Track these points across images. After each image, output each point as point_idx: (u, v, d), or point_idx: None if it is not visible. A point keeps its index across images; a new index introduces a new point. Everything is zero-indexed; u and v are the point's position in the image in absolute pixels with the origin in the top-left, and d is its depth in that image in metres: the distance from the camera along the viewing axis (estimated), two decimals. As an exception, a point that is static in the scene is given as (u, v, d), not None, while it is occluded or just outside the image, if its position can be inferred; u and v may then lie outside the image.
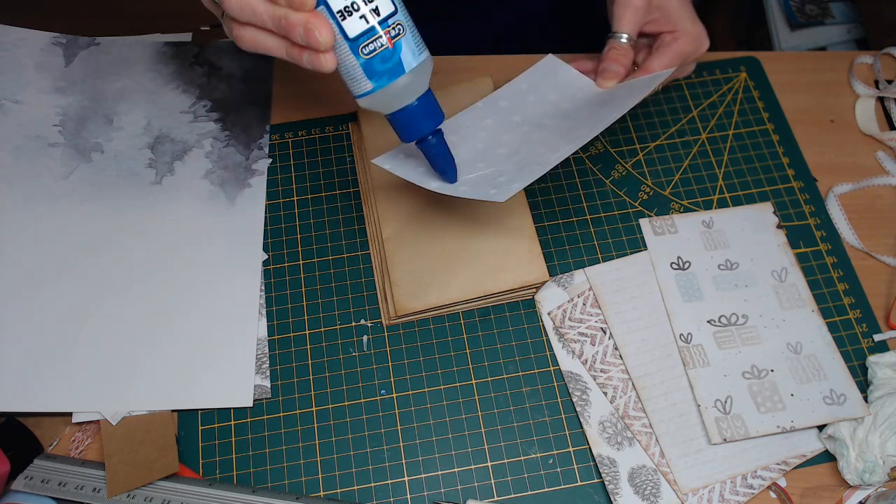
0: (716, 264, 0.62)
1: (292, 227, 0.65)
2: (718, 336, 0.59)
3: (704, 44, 0.63)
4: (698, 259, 0.62)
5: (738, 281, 0.61)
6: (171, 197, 0.65)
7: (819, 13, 1.28)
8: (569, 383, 0.58)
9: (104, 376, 0.58)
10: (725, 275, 0.61)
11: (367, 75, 0.47)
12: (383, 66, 0.46)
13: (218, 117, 0.69)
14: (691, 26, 0.62)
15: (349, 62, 0.46)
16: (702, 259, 0.62)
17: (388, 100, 0.48)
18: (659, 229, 0.64)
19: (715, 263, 0.62)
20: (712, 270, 0.62)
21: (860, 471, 0.53)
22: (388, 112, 0.50)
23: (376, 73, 0.46)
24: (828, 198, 0.66)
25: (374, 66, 0.46)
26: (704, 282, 0.61)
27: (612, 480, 0.54)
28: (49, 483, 0.54)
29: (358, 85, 0.47)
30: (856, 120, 0.70)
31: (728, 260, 0.62)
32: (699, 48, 0.63)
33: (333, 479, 0.56)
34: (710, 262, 0.62)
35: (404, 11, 0.47)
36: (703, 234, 0.63)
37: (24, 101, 0.69)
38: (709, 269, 0.62)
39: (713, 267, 0.62)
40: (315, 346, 0.60)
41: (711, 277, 0.61)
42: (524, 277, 0.60)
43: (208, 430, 0.57)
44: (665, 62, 0.60)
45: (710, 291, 0.61)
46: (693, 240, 0.63)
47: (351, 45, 0.45)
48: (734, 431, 0.55)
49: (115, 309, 0.60)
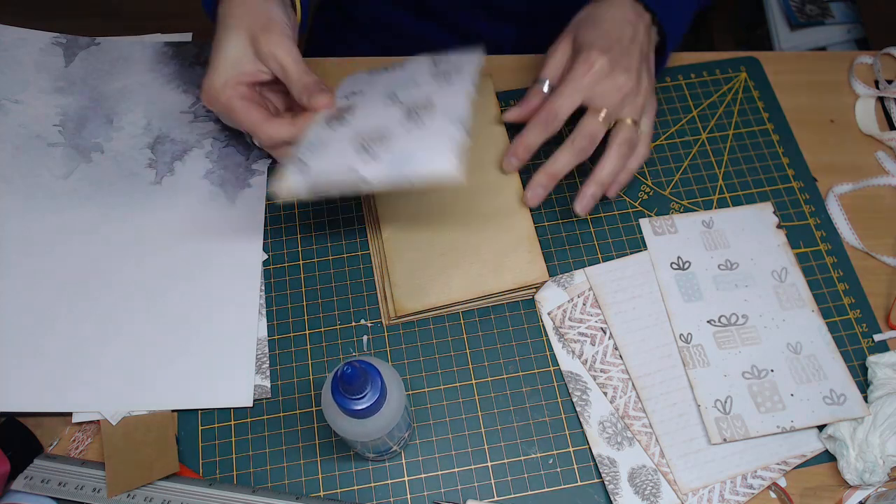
0: (716, 264, 0.62)
1: (292, 227, 0.65)
2: (718, 336, 0.59)
3: (599, 59, 0.58)
4: (698, 259, 0.62)
5: (738, 281, 0.61)
6: (171, 197, 0.65)
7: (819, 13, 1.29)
8: (569, 383, 0.58)
9: (104, 376, 0.58)
10: (725, 275, 0.61)
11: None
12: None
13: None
14: (595, 51, 0.58)
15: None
16: (702, 259, 0.62)
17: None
18: (659, 229, 0.64)
19: (715, 263, 0.62)
20: (712, 270, 0.62)
21: (860, 471, 0.53)
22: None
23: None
24: (828, 198, 0.66)
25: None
26: (704, 282, 0.61)
27: (612, 480, 0.54)
28: (49, 483, 0.54)
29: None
30: (856, 120, 0.70)
31: (728, 260, 0.62)
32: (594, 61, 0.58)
33: (333, 479, 0.56)
34: (710, 262, 0.62)
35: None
36: (703, 234, 0.63)
37: (24, 101, 0.69)
38: (709, 269, 0.62)
39: (713, 267, 0.62)
40: (315, 346, 0.60)
41: (711, 277, 0.61)
42: (524, 277, 0.60)
43: (208, 430, 0.57)
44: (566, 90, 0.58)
45: (710, 291, 0.61)
46: (693, 240, 0.63)
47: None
48: (734, 431, 0.55)
49: (114, 309, 0.60)
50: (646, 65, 0.60)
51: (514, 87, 0.71)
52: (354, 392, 0.44)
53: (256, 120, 0.56)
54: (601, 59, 0.57)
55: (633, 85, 0.58)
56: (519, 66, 0.72)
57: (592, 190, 0.59)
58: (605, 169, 0.59)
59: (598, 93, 0.58)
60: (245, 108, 0.56)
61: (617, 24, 0.59)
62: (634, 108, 0.59)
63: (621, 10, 0.60)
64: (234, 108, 0.56)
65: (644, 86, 0.59)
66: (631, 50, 0.59)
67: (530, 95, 0.62)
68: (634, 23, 0.60)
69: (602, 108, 0.58)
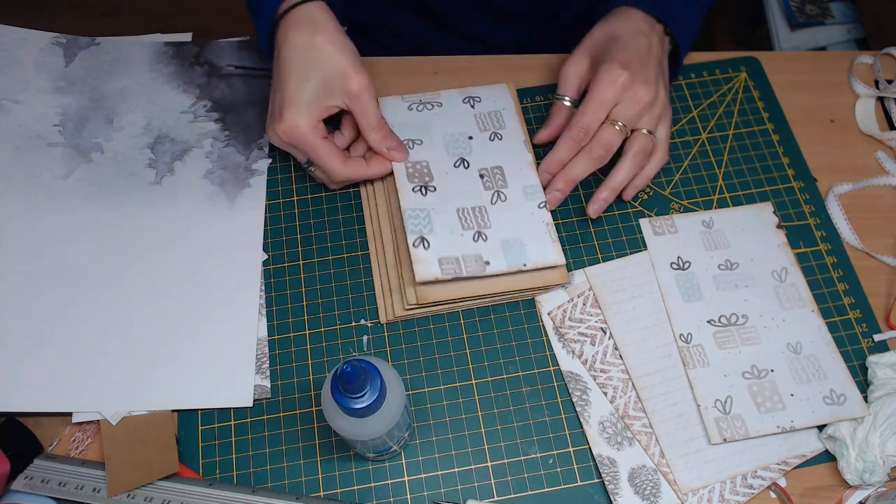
0: (716, 264, 0.62)
1: (292, 227, 0.65)
2: (718, 336, 0.59)
3: (617, 79, 0.59)
4: (698, 259, 0.62)
5: (738, 281, 0.61)
6: (171, 197, 0.65)
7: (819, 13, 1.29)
8: (569, 383, 0.58)
9: (104, 376, 0.58)
10: (725, 275, 0.61)
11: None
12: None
13: (218, 117, 0.69)
14: (610, 66, 0.60)
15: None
16: (702, 259, 0.62)
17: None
18: (659, 229, 0.64)
19: (715, 263, 0.62)
20: (712, 270, 0.62)
21: (860, 471, 0.53)
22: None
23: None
24: (828, 198, 0.66)
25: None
26: (704, 282, 0.61)
27: (612, 480, 0.54)
28: (49, 483, 0.54)
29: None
30: (856, 120, 0.70)
31: (728, 260, 0.62)
32: (612, 83, 0.60)
33: (333, 479, 0.56)
34: (710, 262, 0.62)
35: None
36: (703, 234, 0.63)
37: (24, 101, 0.69)
38: (709, 269, 0.62)
39: (713, 267, 0.62)
40: (315, 346, 0.60)
41: (711, 277, 0.61)
42: (545, 278, 0.60)
43: (208, 430, 0.57)
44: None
45: (710, 291, 0.61)
46: (693, 240, 0.63)
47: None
48: (734, 431, 0.55)
49: (114, 309, 0.60)
50: (662, 75, 0.62)
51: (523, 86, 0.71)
52: (354, 391, 0.44)
53: (337, 160, 0.60)
54: (623, 73, 0.59)
55: (651, 97, 0.60)
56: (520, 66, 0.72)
57: (606, 194, 0.61)
58: (619, 175, 0.61)
59: (620, 104, 0.60)
60: (328, 149, 0.60)
61: (633, 37, 0.62)
62: (651, 118, 0.61)
63: (634, 23, 0.62)
64: (318, 147, 0.60)
65: (661, 96, 0.61)
66: (648, 62, 0.61)
67: (555, 113, 0.65)
68: (648, 34, 0.62)
69: (620, 119, 0.60)
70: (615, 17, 0.64)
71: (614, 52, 0.61)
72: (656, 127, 0.62)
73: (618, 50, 0.61)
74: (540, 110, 0.70)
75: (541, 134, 0.66)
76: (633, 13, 0.63)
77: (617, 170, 0.61)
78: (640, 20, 0.63)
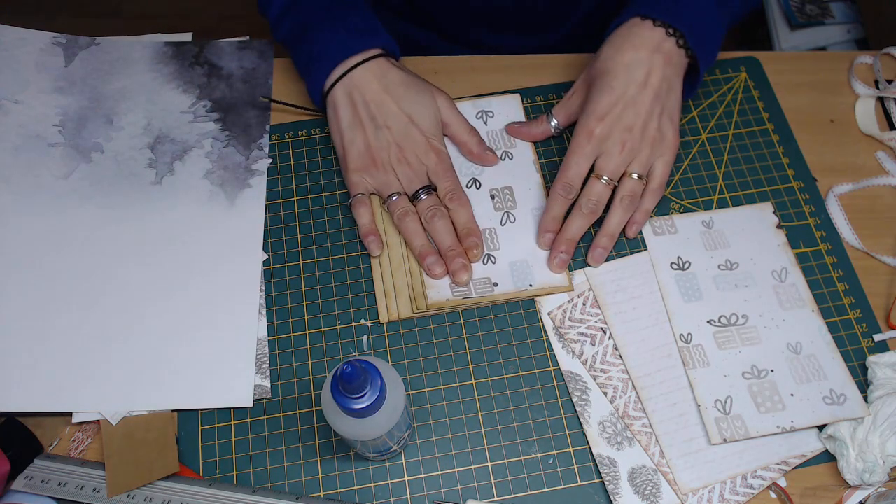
0: (716, 264, 0.62)
1: (292, 227, 0.65)
2: (718, 336, 0.59)
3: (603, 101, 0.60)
4: (698, 259, 0.62)
5: (738, 281, 0.61)
6: (171, 197, 0.65)
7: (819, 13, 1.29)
8: (569, 383, 0.58)
9: (104, 376, 0.58)
10: (725, 275, 0.61)
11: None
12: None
13: (218, 117, 0.69)
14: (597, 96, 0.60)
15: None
16: (702, 259, 0.62)
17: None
18: (659, 229, 0.64)
19: (715, 263, 0.62)
20: (712, 270, 0.62)
21: (860, 471, 0.53)
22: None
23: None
24: (828, 198, 0.66)
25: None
26: (704, 282, 0.61)
27: (612, 480, 0.54)
28: (49, 483, 0.54)
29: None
30: (856, 120, 0.70)
31: (728, 260, 0.62)
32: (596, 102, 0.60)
33: (333, 479, 0.56)
34: (710, 262, 0.62)
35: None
36: (703, 234, 0.63)
37: (24, 101, 0.69)
38: (709, 269, 0.62)
39: (713, 267, 0.62)
40: (315, 346, 0.60)
41: (711, 277, 0.61)
42: (550, 282, 0.60)
43: (208, 430, 0.57)
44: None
45: (710, 291, 0.61)
46: (693, 240, 0.63)
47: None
48: (734, 431, 0.55)
49: (114, 309, 0.60)
50: (659, 106, 0.60)
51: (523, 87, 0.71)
52: (354, 391, 0.44)
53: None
54: (598, 125, 0.59)
55: (635, 141, 0.60)
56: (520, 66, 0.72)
57: (604, 242, 0.61)
58: (612, 223, 0.61)
59: (601, 157, 0.60)
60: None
61: (626, 70, 0.59)
62: (640, 162, 0.60)
63: (636, 45, 0.60)
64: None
65: (650, 133, 0.60)
66: (638, 99, 0.59)
67: (536, 122, 0.67)
68: (649, 60, 0.59)
69: (604, 173, 0.60)
70: (619, 36, 0.61)
71: (597, 95, 0.60)
72: (649, 165, 0.61)
73: (603, 92, 0.60)
74: (540, 111, 0.70)
75: (512, 127, 0.68)
76: (640, 28, 0.60)
77: (609, 217, 0.61)
78: (648, 36, 0.59)
